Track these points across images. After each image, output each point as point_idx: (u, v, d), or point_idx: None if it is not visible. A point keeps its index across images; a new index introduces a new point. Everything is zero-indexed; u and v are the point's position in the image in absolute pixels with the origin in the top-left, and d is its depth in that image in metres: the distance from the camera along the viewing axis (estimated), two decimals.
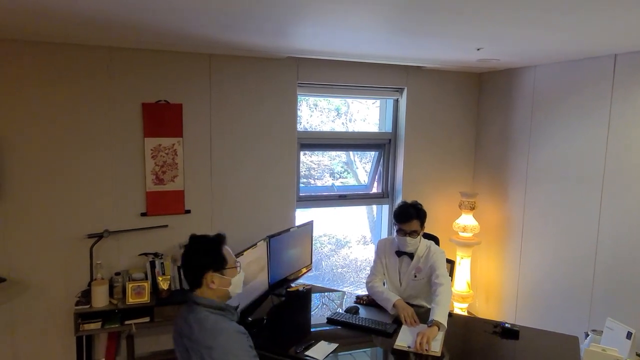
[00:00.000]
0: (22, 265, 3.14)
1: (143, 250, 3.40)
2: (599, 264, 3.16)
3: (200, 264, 1.85)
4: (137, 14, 2.24)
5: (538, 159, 3.67)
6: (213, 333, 1.75)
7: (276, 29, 2.56)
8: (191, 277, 1.87)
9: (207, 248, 1.88)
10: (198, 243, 1.89)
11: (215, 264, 1.86)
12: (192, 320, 1.80)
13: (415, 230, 2.75)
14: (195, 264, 1.86)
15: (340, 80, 3.88)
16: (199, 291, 1.86)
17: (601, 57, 3.10)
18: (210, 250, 1.88)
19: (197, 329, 1.77)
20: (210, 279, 1.85)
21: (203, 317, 1.80)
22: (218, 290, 1.87)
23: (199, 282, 1.85)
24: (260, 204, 3.74)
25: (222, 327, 1.79)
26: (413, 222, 2.74)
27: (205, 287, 1.86)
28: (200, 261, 1.85)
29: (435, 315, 2.42)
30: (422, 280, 2.83)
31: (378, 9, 2.08)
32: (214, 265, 1.86)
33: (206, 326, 1.77)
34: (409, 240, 2.75)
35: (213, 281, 1.85)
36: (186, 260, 1.87)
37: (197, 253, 1.86)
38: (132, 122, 3.32)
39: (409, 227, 2.74)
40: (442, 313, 2.44)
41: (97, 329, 3.03)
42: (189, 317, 1.82)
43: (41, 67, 3.07)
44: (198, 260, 1.86)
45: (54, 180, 3.18)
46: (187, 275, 1.88)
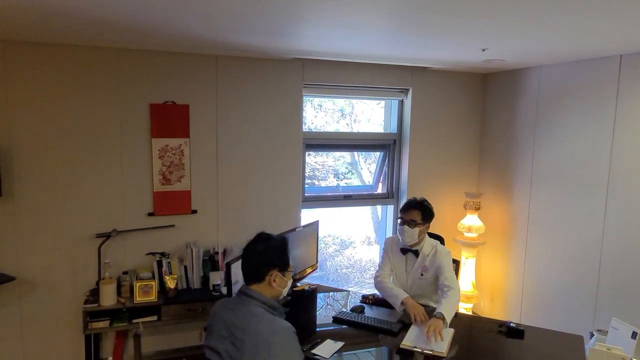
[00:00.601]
0: (32, 264, 3.18)
1: (150, 249, 3.43)
2: (604, 264, 3.16)
3: (271, 260, 1.90)
4: (144, 16, 2.27)
5: (543, 160, 3.67)
6: (274, 329, 1.79)
7: (282, 31, 2.58)
8: (255, 271, 1.90)
9: (279, 247, 1.95)
10: (271, 241, 1.94)
11: (282, 264, 1.94)
12: (246, 313, 1.83)
13: (413, 220, 2.75)
14: (266, 260, 1.90)
15: (346, 81, 3.90)
16: (257, 286, 1.90)
17: (607, 58, 3.10)
18: (282, 250, 1.95)
19: (255, 322, 1.80)
20: (274, 277, 1.90)
21: (259, 312, 1.84)
22: (275, 290, 1.93)
23: (262, 278, 1.89)
24: (265, 203, 3.77)
25: (281, 324, 1.83)
26: (413, 211, 2.77)
27: (266, 284, 1.90)
28: (271, 258, 1.91)
29: (442, 309, 2.46)
30: (429, 279, 2.84)
31: (383, 10, 2.09)
32: (280, 265, 1.93)
33: (265, 321, 1.81)
34: (406, 229, 2.76)
35: (275, 280, 1.90)
36: (256, 255, 1.91)
37: (270, 250, 1.92)
38: (140, 122, 3.35)
39: (408, 215, 2.77)
40: (448, 309, 2.48)
41: (105, 328, 3.06)
42: (242, 309, 1.85)
43: (50, 69, 3.11)
44: (269, 256, 1.91)
45: (63, 181, 3.21)
46: (251, 268, 1.91)
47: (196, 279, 3.43)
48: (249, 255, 1.93)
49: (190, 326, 3.61)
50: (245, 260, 1.94)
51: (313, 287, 3.09)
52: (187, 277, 3.42)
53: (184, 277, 3.41)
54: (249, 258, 1.93)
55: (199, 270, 3.44)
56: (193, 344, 3.67)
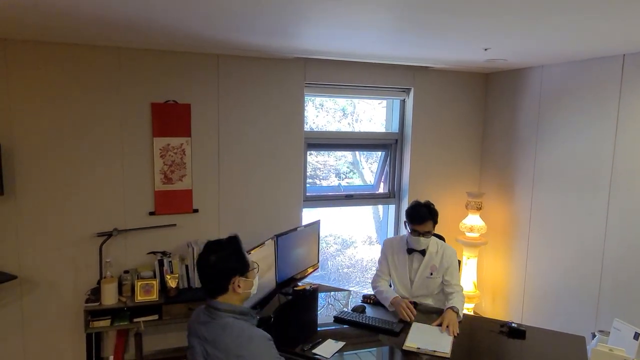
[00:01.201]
0: (33, 263, 3.19)
1: (151, 248, 3.43)
2: (606, 264, 3.15)
3: (229, 269, 1.79)
4: (145, 15, 2.27)
5: (545, 160, 3.66)
6: (242, 341, 1.71)
7: (284, 30, 2.57)
8: (216, 284, 1.79)
9: (232, 252, 1.82)
10: (221, 248, 1.81)
11: (241, 267, 1.82)
12: (216, 327, 1.75)
13: (429, 231, 2.78)
14: (223, 270, 1.78)
15: (348, 80, 3.89)
16: (222, 297, 1.80)
17: (609, 57, 3.09)
18: (236, 254, 1.83)
19: (224, 336, 1.72)
20: (237, 284, 1.80)
21: (228, 323, 1.75)
22: (242, 294, 1.83)
23: (225, 288, 1.79)
24: (267, 203, 3.76)
25: (251, 334, 1.75)
26: (428, 223, 2.76)
27: (231, 293, 1.80)
28: (229, 266, 1.79)
29: (454, 303, 2.62)
30: (437, 279, 2.85)
31: (385, 10, 2.09)
32: (240, 269, 1.82)
33: (234, 334, 1.72)
34: (422, 240, 2.78)
35: (239, 285, 1.80)
36: (211, 268, 1.78)
37: (224, 259, 1.79)
38: (141, 122, 3.35)
39: (423, 228, 2.76)
40: (460, 305, 2.63)
41: (106, 327, 3.06)
42: (212, 323, 1.77)
43: (51, 68, 3.11)
44: (226, 265, 1.79)
45: (64, 180, 3.21)
46: (211, 282, 1.80)
47: (197, 278, 3.42)
48: (204, 269, 1.79)
49: None
50: (202, 275, 1.80)
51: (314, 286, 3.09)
52: (189, 277, 3.42)
53: (185, 276, 3.41)
54: (205, 272, 1.80)
55: None
56: None
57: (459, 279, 2.87)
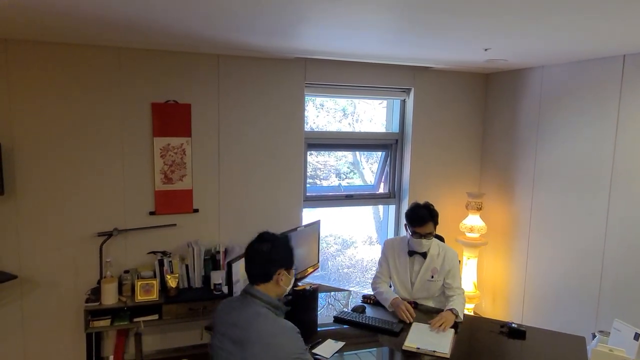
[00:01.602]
0: (33, 262, 3.19)
1: (151, 248, 3.43)
2: (606, 265, 3.15)
3: (279, 260, 1.89)
4: (145, 15, 2.27)
5: (545, 160, 3.66)
6: (275, 330, 1.79)
7: (284, 30, 2.57)
8: (263, 271, 1.88)
9: (285, 246, 1.94)
10: (277, 240, 1.92)
11: (288, 263, 1.93)
12: (250, 313, 1.82)
13: (430, 232, 2.76)
14: (273, 260, 1.88)
15: (348, 80, 3.89)
16: (264, 286, 1.88)
17: (610, 58, 3.09)
18: (288, 249, 1.95)
19: (257, 323, 1.79)
20: (281, 276, 1.89)
21: (263, 313, 1.83)
22: (281, 288, 1.92)
23: (269, 277, 1.88)
24: (267, 203, 3.77)
25: (283, 324, 1.82)
26: (428, 224, 2.74)
27: (273, 283, 1.89)
28: (280, 257, 1.90)
29: (456, 305, 2.62)
30: (438, 282, 2.83)
31: (385, 10, 2.09)
32: (287, 264, 1.92)
33: (268, 322, 1.80)
34: (424, 242, 2.77)
35: (282, 279, 1.90)
36: (263, 255, 1.88)
37: (277, 250, 1.90)
38: (142, 121, 3.35)
39: (424, 230, 2.74)
40: (460, 307, 2.63)
41: (106, 326, 3.07)
42: (246, 310, 1.84)
43: (51, 68, 3.11)
44: (277, 256, 1.89)
45: (65, 179, 3.22)
46: (258, 268, 1.89)
47: (197, 278, 3.43)
48: (255, 255, 1.89)
49: (192, 325, 3.61)
50: (251, 261, 1.90)
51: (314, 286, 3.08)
52: (189, 276, 3.42)
53: (185, 276, 3.41)
54: (254, 258, 1.89)
55: (200, 269, 3.44)
56: (194, 343, 3.67)
57: (460, 281, 2.85)
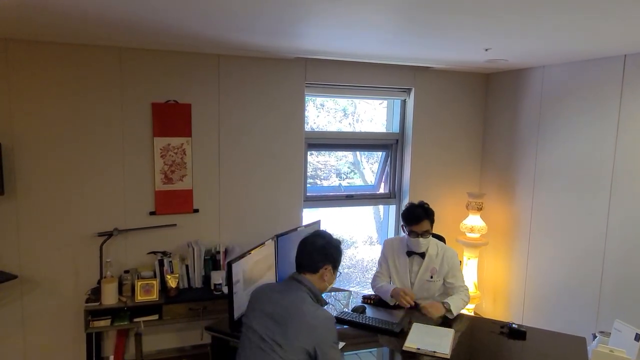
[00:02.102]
0: (34, 262, 3.19)
1: (152, 248, 3.43)
2: (607, 265, 3.14)
3: (329, 256, 2.04)
4: (146, 15, 2.27)
5: (546, 160, 3.65)
6: (319, 314, 1.88)
7: (284, 30, 2.57)
8: (312, 262, 2.02)
9: (336, 246, 2.09)
10: (331, 239, 2.09)
11: (336, 262, 2.08)
12: (295, 296, 1.94)
13: (427, 231, 2.77)
14: (324, 254, 2.03)
15: (348, 80, 3.89)
16: (310, 276, 2.01)
17: (610, 58, 3.09)
18: (337, 249, 2.10)
19: (303, 306, 1.89)
20: (326, 271, 2.03)
21: (306, 297, 1.94)
22: (323, 284, 2.05)
23: (316, 269, 2.01)
24: (267, 203, 3.76)
25: (325, 313, 1.91)
26: (424, 222, 2.75)
27: (318, 277, 2.02)
28: (328, 253, 2.04)
29: (451, 300, 2.66)
30: (438, 282, 2.83)
31: (385, 10, 2.09)
32: (334, 263, 2.07)
33: (312, 307, 1.90)
34: (422, 241, 2.77)
35: (327, 274, 2.04)
36: (316, 248, 2.03)
37: (329, 246, 2.05)
38: (142, 121, 3.35)
39: (421, 228, 2.75)
40: (457, 303, 2.67)
41: (106, 326, 3.07)
42: (290, 292, 1.96)
43: (52, 68, 3.11)
44: (327, 251, 2.04)
45: (65, 179, 3.22)
46: (308, 259, 2.02)
47: (197, 278, 3.43)
48: (308, 247, 2.04)
49: (192, 325, 3.61)
50: (303, 251, 2.05)
51: None
52: (189, 276, 3.42)
53: (185, 276, 3.41)
54: (307, 249, 2.04)
55: (200, 269, 3.44)
56: (194, 344, 3.67)
57: (462, 279, 2.84)
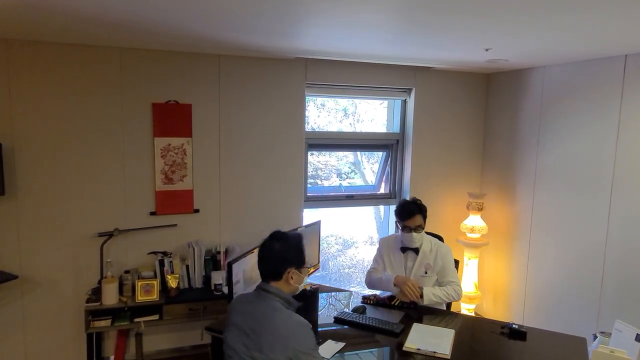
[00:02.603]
0: (34, 262, 3.19)
1: (152, 248, 3.43)
2: (607, 265, 3.14)
3: (288, 259, 1.94)
4: (146, 15, 2.27)
5: (547, 160, 3.65)
6: (291, 324, 1.83)
7: (285, 30, 2.57)
8: (273, 269, 1.94)
9: (295, 246, 1.98)
10: (287, 239, 1.97)
11: (298, 261, 1.98)
12: (265, 307, 1.88)
13: (419, 225, 2.81)
14: (283, 258, 1.94)
15: (349, 80, 3.89)
16: (276, 283, 1.94)
17: (611, 58, 3.08)
18: (297, 248, 1.99)
19: (274, 317, 1.84)
20: (291, 275, 1.94)
21: (277, 307, 1.88)
22: (292, 286, 1.97)
23: (279, 275, 1.93)
24: (268, 203, 3.76)
25: (299, 319, 1.86)
26: (416, 217, 2.80)
27: (284, 282, 1.94)
28: (289, 257, 1.95)
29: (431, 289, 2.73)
30: (432, 277, 2.85)
31: (386, 10, 2.09)
32: (297, 263, 1.97)
33: (283, 316, 1.85)
34: (415, 236, 2.80)
35: (292, 277, 1.95)
36: (273, 253, 1.94)
37: (287, 249, 1.95)
38: (142, 122, 3.35)
39: (414, 222, 2.79)
40: (435, 291, 2.73)
41: (107, 327, 3.07)
42: (261, 303, 1.90)
43: (53, 68, 3.11)
44: (286, 254, 1.94)
45: (66, 179, 3.22)
46: (269, 267, 1.94)
47: (198, 278, 3.43)
48: (266, 254, 1.95)
49: (192, 325, 3.61)
50: (263, 259, 1.96)
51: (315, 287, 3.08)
52: (189, 277, 3.42)
53: (185, 276, 3.41)
54: (266, 257, 1.95)
55: (200, 269, 3.44)
56: (195, 344, 3.67)
57: (455, 274, 2.86)
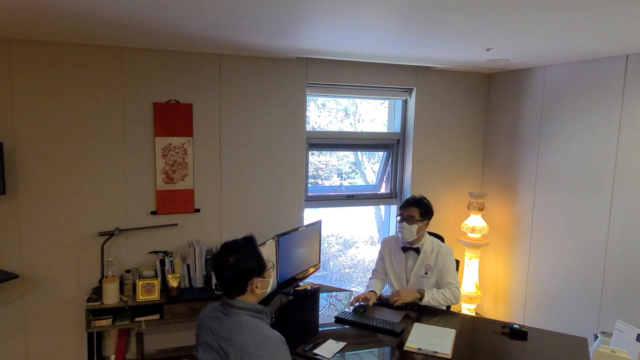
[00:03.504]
0: (35, 262, 3.19)
1: (153, 248, 3.44)
2: (608, 265, 3.14)
3: (247, 270, 1.80)
4: (147, 14, 2.27)
5: (548, 160, 3.65)
6: (259, 341, 1.71)
7: (286, 30, 2.57)
8: (235, 285, 1.80)
9: (250, 254, 1.82)
10: (239, 249, 1.81)
11: (259, 268, 1.83)
12: (231, 324, 1.76)
13: (411, 216, 2.81)
14: (242, 271, 1.79)
15: (349, 80, 3.89)
16: (241, 297, 1.82)
17: (612, 58, 3.08)
18: (253, 255, 1.83)
19: (240, 334, 1.73)
20: (255, 284, 1.82)
21: (244, 321, 1.76)
22: (258, 295, 1.85)
23: (243, 290, 1.81)
24: (268, 203, 3.76)
25: (267, 334, 1.74)
26: (411, 208, 2.83)
27: (249, 293, 1.82)
28: (247, 268, 1.79)
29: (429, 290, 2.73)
30: (432, 278, 2.85)
31: (387, 9, 2.09)
32: (258, 271, 1.83)
33: (251, 332, 1.73)
34: (405, 226, 2.82)
35: (257, 286, 1.82)
36: (230, 269, 1.78)
37: (243, 260, 1.79)
38: (143, 121, 3.35)
39: (407, 212, 2.83)
40: (434, 294, 2.74)
41: (107, 326, 3.07)
42: (227, 320, 1.78)
43: (54, 67, 3.11)
44: (245, 267, 1.79)
45: (66, 179, 3.22)
46: (229, 283, 1.80)
47: (199, 277, 3.43)
48: (223, 271, 1.79)
49: (193, 325, 3.60)
50: (220, 277, 1.81)
51: (315, 286, 3.09)
52: (190, 276, 3.42)
53: (186, 275, 3.41)
54: (223, 274, 1.79)
55: (201, 269, 3.44)
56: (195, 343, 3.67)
57: (455, 277, 2.86)
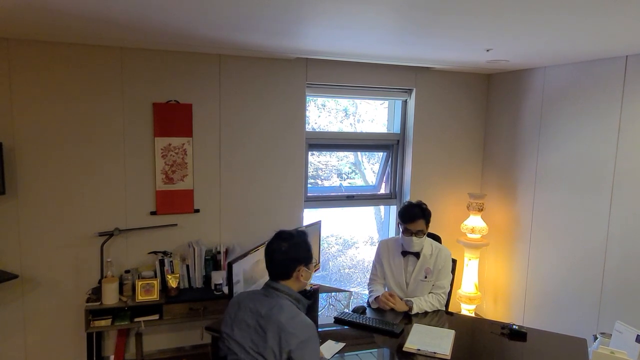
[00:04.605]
0: (34, 262, 3.19)
1: (152, 248, 3.43)
2: (608, 266, 3.14)
3: (298, 257, 1.95)
4: (147, 14, 2.27)
5: (547, 161, 3.65)
6: (297, 323, 1.83)
7: (285, 30, 2.57)
8: (283, 269, 1.94)
9: (302, 243, 1.97)
10: (294, 238, 1.96)
11: (307, 258, 1.98)
12: (273, 303, 1.87)
13: (421, 230, 2.75)
14: (292, 258, 1.93)
15: (349, 81, 3.89)
16: (284, 282, 1.95)
17: (612, 59, 3.08)
18: (304, 245, 1.98)
19: (280, 314, 1.83)
20: (301, 273, 1.95)
21: (285, 304, 1.88)
22: (302, 283, 1.98)
23: (289, 275, 1.94)
24: (268, 203, 3.76)
25: (305, 319, 1.86)
26: (419, 221, 2.74)
27: (294, 280, 1.95)
28: (298, 255, 1.95)
29: (418, 301, 2.76)
30: (431, 282, 2.83)
31: (387, 9, 2.09)
32: (306, 260, 1.97)
33: (291, 314, 1.84)
34: (415, 240, 2.76)
35: (302, 274, 1.96)
36: (282, 254, 1.92)
37: (295, 247, 1.94)
38: (143, 121, 3.35)
39: (415, 227, 2.74)
40: (421, 305, 2.75)
41: (107, 326, 3.07)
42: (269, 300, 1.90)
43: (54, 67, 3.11)
44: (295, 254, 1.94)
45: (66, 179, 3.22)
46: (278, 267, 1.94)
47: (198, 278, 3.43)
48: (274, 254, 1.94)
49: (192, 325, 3.61)
50: (270, 260, 1.96)
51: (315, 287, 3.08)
52: (189, 276, 3.42)
53: (186, 276, 3.41)
54: (274, 257, 1.94)
55: (201, 269, 3.44)
56: (195, 343, 3.67)
57: (448, 281, 2.85)
